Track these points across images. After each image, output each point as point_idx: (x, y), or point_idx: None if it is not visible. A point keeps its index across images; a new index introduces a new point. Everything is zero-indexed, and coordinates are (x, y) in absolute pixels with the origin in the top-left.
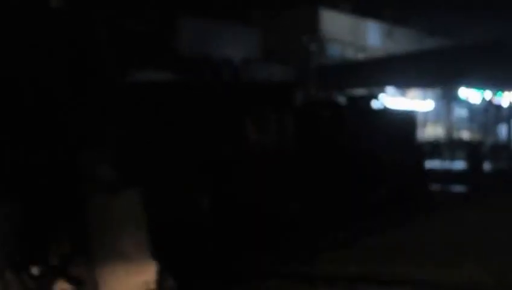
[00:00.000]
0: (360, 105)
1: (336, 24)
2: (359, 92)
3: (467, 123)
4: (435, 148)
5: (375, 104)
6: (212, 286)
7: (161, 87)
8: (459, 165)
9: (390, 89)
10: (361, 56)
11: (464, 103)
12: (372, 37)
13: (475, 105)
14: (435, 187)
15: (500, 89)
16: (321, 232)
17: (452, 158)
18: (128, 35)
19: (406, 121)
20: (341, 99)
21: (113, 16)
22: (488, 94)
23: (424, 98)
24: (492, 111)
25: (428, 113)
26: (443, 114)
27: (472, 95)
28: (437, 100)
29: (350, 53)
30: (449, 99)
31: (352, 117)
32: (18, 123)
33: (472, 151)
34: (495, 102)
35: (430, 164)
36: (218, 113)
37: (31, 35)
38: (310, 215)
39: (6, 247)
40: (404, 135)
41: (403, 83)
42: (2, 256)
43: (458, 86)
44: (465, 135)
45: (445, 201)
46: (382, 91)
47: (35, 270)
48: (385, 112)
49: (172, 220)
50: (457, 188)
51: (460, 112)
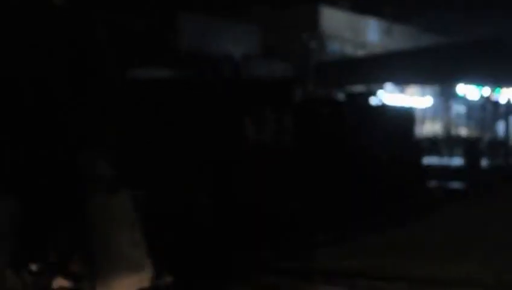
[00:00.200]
0: (359, 102)
1: (336, 21)
2: (358, 89)
3: (465, 120)
4: (433, 144)
5: (373, 101)
6: (210, 283)
7: (161, 84)
8: (457, 161)
9: (389, 86)
10: (360, 53)
11: (462, 100)
12: (371, 34)
13: (473, 102)
14: (433, 183)
15: (498, 86)
16: (320, 229)
17: (450, 154)
18: (128, 33)
19: (405, 118)
20: (340, 96)
21: (113, 15)
22: (486, 91)
23: (423, 95)
24: (490, 108)
25: (426, 109)
26: (441, 111)
27: (470, 92)
28: (435, 97)
29: (349, 50)
30: (447, 96)
31: (351, 114)
32: (18, 123)
33: (470, 147)
34: (493, 99)
35: (428, 160)
36: (218, 110)
37: (32, 33)
38: (310, 212)
39: (6, 245)
40: (402, 132)
41: (402, 80)
42: (2, 254)
43: (456, 83)
44: (463, 132)
45: (443, 197)
46: (381, 88)
47: (34, 267)
48: (384, 109)
49: (171, 219)
50: (455, 185)
51: (458, 109)
